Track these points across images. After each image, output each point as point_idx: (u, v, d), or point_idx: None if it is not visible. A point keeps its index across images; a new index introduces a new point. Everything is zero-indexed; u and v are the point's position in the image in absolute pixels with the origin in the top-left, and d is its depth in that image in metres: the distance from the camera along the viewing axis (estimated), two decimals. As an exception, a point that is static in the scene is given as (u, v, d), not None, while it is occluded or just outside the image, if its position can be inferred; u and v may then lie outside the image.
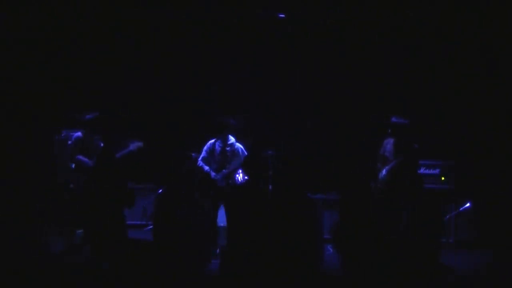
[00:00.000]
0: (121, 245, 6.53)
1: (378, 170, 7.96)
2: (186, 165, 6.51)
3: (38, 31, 10.13)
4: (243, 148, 8.65)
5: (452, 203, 8.86)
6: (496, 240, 8.70)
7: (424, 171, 8.93)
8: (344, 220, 6.00)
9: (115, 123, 9.43)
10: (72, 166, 8.52)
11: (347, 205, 6.07)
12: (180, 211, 6.20)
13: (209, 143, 8.64)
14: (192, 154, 8.72)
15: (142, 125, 10.25)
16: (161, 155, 9.86)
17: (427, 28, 9.71)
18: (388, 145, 7.97)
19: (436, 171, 8.95)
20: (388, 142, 8.00)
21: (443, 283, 7.12)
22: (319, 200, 8.77)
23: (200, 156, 8.60)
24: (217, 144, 8.58)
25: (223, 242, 8.12)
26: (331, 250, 7.96)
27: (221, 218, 8.36)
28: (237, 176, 8.75)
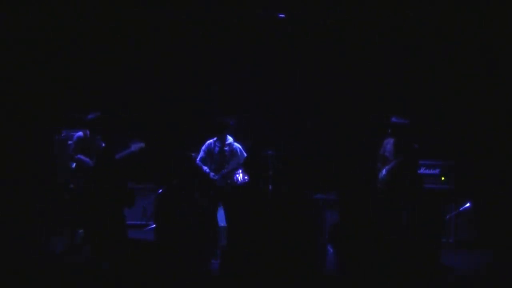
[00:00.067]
0: (121, 245, 6.52)
1: (378, 170, 7.97)
2: (186, 165, 6.51)
3: (38, 31, 10.13)
4: (242, 148, 8.64)
5: (452, 203, 8.85)
6: (496, 240, 8.70)
7: (424, 171, 8.93)
8: (344, 220, 5.99)
9: (117, 123, 9.42)
10: (73, 166, 8.52)
11: (347, 205, 6.06)
12: (180, 211, 6.19)
13: (207, 143, 8.63)
14: (192, 154, 8.73)
15: (143, 125, 10.26)
16: (161, 155, 9.85)
17: (427, 28, 9.71)
18: (388, 145, 7.97)
19: (436, 171, 8.95)
20: (388, 142, 8.00)
21: (443, 283, 7.12)
22: (320, 200, 8.77)
23: (198, 156, 8.58)
24: (215, 144, 8.58)
25: (223, 242, 8.12)
26: (331, 250, 7.98)
27: (221, 218, 8.36)
28: (237, 176, 8.76)
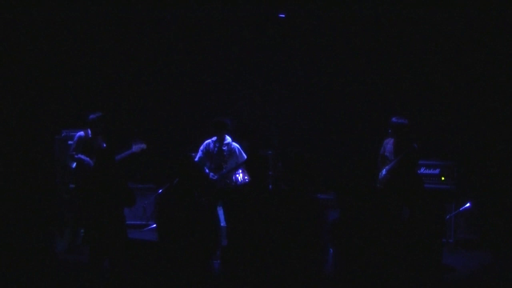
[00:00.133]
0: (121, 245, 6.52)
1: (378, 170, 7.97)
2: (186, 165, 6.50)
3: (38, 31, 10.13)
4: (240, 148, 8.63)
5: (452, 203, 8.85)
6: (496, 240, 8.70)
7: (424, 171, 8.92)
8: (343, 220, 5.98)
9: (118, 124, 9.43)
10: (73, 166, 8.52)
11: (347, 205, 6.06)
12: (181, 211, 6.18)
13: (205, 143, 8.63)
14: (192, 154, 8.72)
15: (143, 125, 10.26)
16: (161, 155, 9.85)
17: (427, 28, 9.71)
18: (388, 145, 7.98)
19: (436, 171, 8.94)
20: (388, 142, 8.00)
21: (443, 283, 7.12)
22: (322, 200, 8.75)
23: (197, 157, 8.57)
24: (213, 144, 8.57)
25: (224, 242, 8.11)
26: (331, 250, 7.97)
27: (220, 218, 8.34)
28: (237, 176, 8.75)
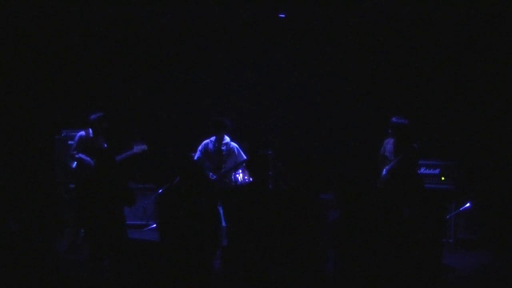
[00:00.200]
0: (121, 245, 6.52)
1: (378, 170, 7.97)
2: (186, 165, 6.51)
3: (39, 31, 10.13)
4: (239, 147, 8.63)
5: (452, 203, 8.85)
6: (496, 240, 8.70)
7: (424, 171, 8.91)
8: (343, 220, 5.99)
9: (119, 124, 9.42)
10: (73, 166, 8.51)
11: (346, 205, 6.06)
12: (181, 211, 6.18)
13: (204, 143, 8.63)
14: (192, 154, 8.71)
15: (143, 125, 10.24)
16: (161, 155, 9.84)
17: (428, 28, 9.71)
18: (388, 145, 7.97)
19: (436, 171, 8.94)
20: (388, 142, 8.00)
21: (443, 283, 7.12)
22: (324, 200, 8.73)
23: (195, 157, 8.56)
24: (212, 144, 8.56)
25: (224, 242, 8.10)
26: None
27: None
28: (237, 176, 8.74)
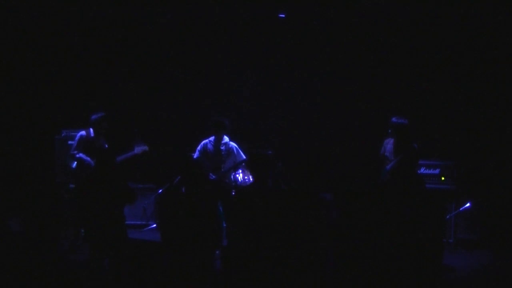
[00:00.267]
0: (121, 245, 6.53)
1: (378, 170, 7.97)
2: (187, 165, 6.52)
3: (39, 30, 10.14)
4: (238, 147, 8.62)
5: (452, 203, 8.85)
6: (496, 240, 8.70)
7: (424, 171, 8.92)
8: (343, 220, 6.00)
9: (120, 124, 9.42)
10: (73, 166, 8.51)
11: (346, 206, 6.07)
12: (182, 210, 6.19)
13: (203, 143, 8.64)
14: (191, 154, 8.71)
15: (143, 125, 10.24)
16: (161, 155, 9.85)
17: (428, 28, 9.71)
18: (388, 145, 7.98)
19: (436, 171, 8.94)
20: (388, 142, 8.00)
21: (443, 283, 7.12)
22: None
23: (194, 157, 8.57)
24: (210, 144, 8.56)
25: (224, 242, 8.09)
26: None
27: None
28: (237, 176, 8.74)
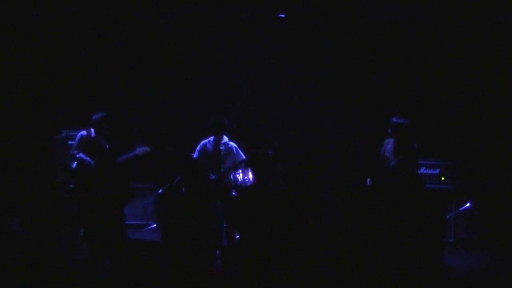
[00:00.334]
0: (121, 245, 6.53)
1: (378, 170, 7.96)
2: (187, 165, 6.53)
3: (39, 30, 10.13)
4: (237, 147, 8.62)
5: (452, 203, 8.85)
6: (496, 240, 8.70)
7: (424, 171, 8.92)
8: (344, 220, 5.99)
9: (121, 125, 9.42)
10: (73, 166, 8.51)
11: (346, 205, 6.06)
12: (182, 211, 6.20)
13: (202, 143, 8.64)
14: (191, 154, 8.71)
15: (142, 125, 10.25)
16: (161, 155, 9.84)
17: (428, 28, 9.71)
18: (389, 145, 7.97)
19: (436, 171, 8.94)
20: (388, 142, 7.99)
21: (443, 283, 7.12)
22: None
23: (193, 157, 8.57)
24: (210, 144, 8.56)
25: (224, 242, 8.09)
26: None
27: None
28: (237, 176, 8.74)
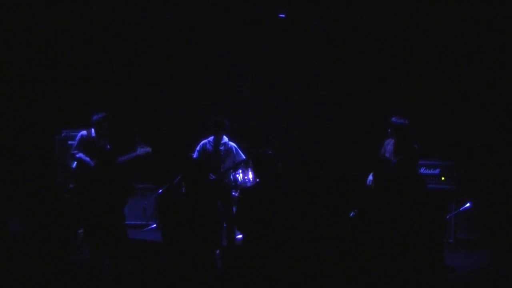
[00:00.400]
0: (121, 245, 6.53)
1: (378, 171, 7.96)
2: (187, 165, 6.52)
3: (39, 30, 10.13)
4: (237, 147, 8.62)
5: (452, 203, 8.85)
6: (496, 240, 8.70)
7: (424, 171, 8.92)
8: (344, 220, 6.00)
9: (122, 125, 9.41)
10: (73, 166, 8.50)
11: (347, 206, 6.07)
12: (182, 211, 6.20)
13: (202, 143, 8.63)
14: (191, 154, 8.71)
15: (142, 125, 10.24)
16: (161, 155, 9.84)
17: (428, 28, 9.72)
18: (389, 146, 7.95)
19: (436, 171, 8.94)
20: (389, 143, 7.98)
21: (443, 283, 7.13)
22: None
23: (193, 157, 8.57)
24: (209, 145, 8.56)
25: (224, 242, 8.09)
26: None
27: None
28: (237, 176, 8.74)
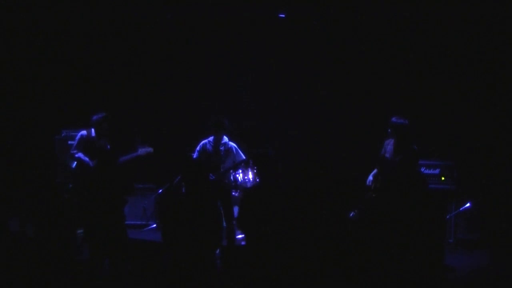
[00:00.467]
0: (121, 245, 6.53)
1: (378, 171, 7.96)
2: (187, 165, 6.53)
3: (40, 30, 10.14)
4: (237, 147, 8.62)
5: (452, 203, 8.86)
6: (496, 240, 8.70)
7: (424, 171, 8.92)
8: (344, 220, 6.00)
9: (122, 125, 9.42)
10: (73, 166, 8.51)
11: (347, 206, 6.07)
12: (182, 211, 6.20)
13: (202, 143, 8.63)
14: (191, 155, 8.72)
15: (142, 125, 10.25)
16: (161, 155, 9.84)
17: (428, 28, 9.72)
18: (389, 146, 7.94)
19: (436, 171, 8.94)
20: (389, 143, 7.97)
21: (443, 283, 7.13)
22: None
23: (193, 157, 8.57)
24: (209, 145, 8.56)
25: (224, 242, 8.09)
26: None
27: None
28: (237, 176, 8.74)
